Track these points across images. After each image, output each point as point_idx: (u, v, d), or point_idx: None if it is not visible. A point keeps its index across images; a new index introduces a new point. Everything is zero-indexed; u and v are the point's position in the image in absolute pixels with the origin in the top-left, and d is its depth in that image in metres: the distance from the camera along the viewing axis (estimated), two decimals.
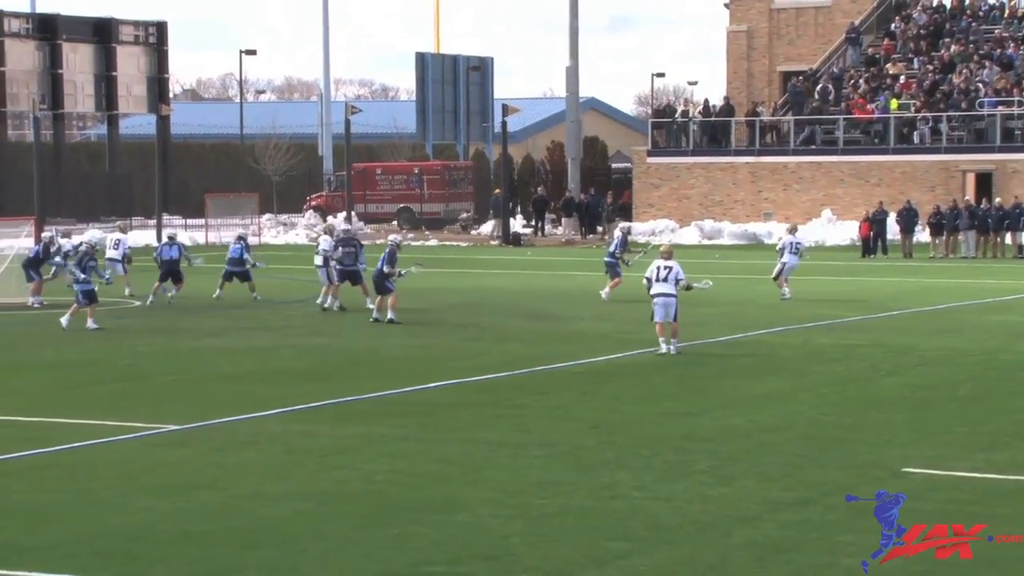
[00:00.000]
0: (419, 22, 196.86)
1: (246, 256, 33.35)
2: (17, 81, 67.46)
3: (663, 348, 23.51)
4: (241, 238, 34.27)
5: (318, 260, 31.67)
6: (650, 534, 12.43)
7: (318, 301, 31.39)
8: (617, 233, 35.02)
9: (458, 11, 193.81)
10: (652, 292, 23.67)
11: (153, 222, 59.09)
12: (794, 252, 33.59)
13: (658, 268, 23.67)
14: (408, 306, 31.87)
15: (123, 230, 36.78)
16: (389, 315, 28.33)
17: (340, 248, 31.03)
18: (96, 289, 27.83)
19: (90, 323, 27.32)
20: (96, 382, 21.45)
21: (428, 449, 16.14)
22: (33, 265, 32.18)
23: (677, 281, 23.58)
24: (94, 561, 11.70)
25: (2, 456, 15.72)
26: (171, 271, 32.91)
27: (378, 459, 15.53)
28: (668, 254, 24.06)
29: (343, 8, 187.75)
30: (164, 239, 36.30)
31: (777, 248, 34.64)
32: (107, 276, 29.70)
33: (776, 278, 33.53)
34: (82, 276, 27.41)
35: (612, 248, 33.86)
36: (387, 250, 29.04)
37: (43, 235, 33.96)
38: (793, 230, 35.13)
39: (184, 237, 57.84)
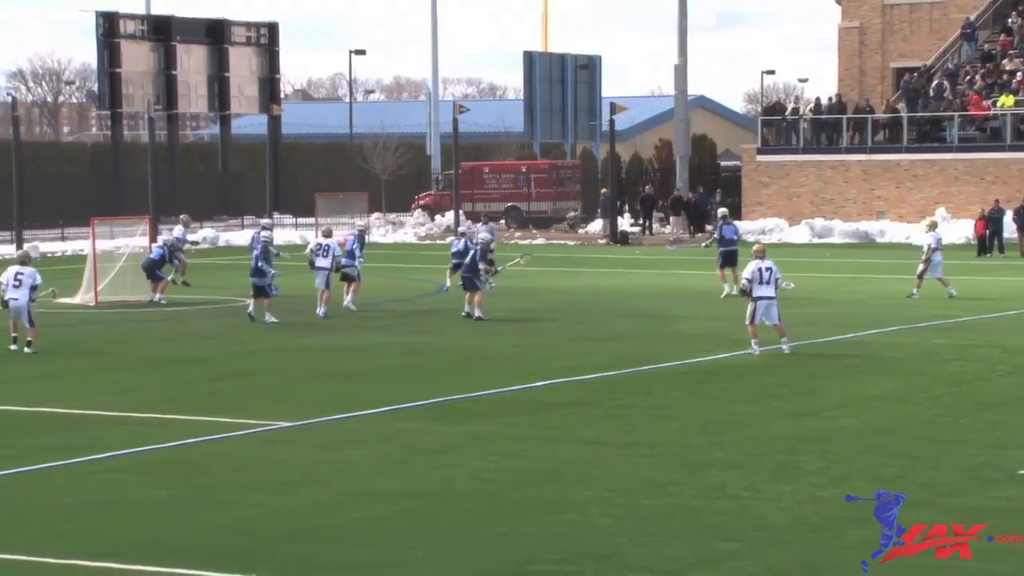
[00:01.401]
0: (527, 21, 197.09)
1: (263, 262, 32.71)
2: (132, 82, 68.40)
3: (756, 350, 23.38)
4: (264, 231, 33.04)
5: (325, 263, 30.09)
6: (760, 535, 12.33)
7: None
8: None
9: (566, 9, 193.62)
10: (755, 295, 23.43)
11: (265, 221, 59.69)
12: (939, 248, 32.91)
13: (760, 270, 23.42)
14: (515, 305, 31.89)
15: (185, 224, 36.27)
16: (477, 313, 28.48)
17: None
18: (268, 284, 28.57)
19: (268, 317, 28.26)
20: (208, 379, 21.71)
21: (535, 448, 16.13)
22: (158, 265, 32.73)
23: (776, 281, 23.44)
24: (205, 556, 11.84)
25: (117, 452, 15.97)
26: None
27: (485, 457, 15.56)
28: (762, 253, 23.82)
29: (451, 7, 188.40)
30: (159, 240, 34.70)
31: (927, 247, 33.37)
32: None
33: (921, 276, 32.64)
34: (272, 271, 28.59)
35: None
36: (478, 247, 29.11)
37: (164, 237, 34.39)
38: (933, 227, 34.06)
39: (294, 236, 58.43)
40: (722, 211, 37.76)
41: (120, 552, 11.86)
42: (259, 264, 28.63)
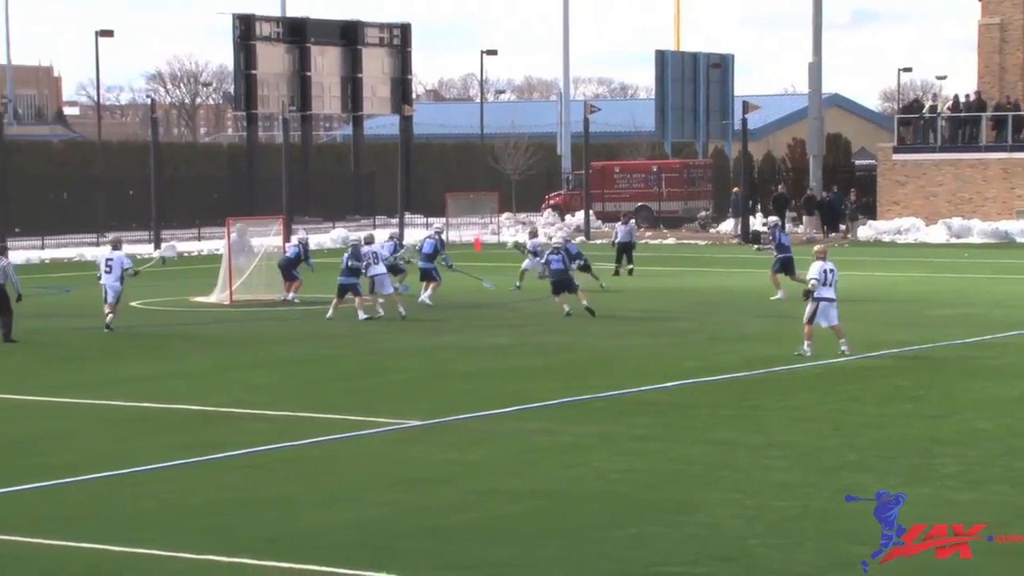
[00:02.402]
0: (659, 20, 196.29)
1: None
2: (267, 84, 69.32)
3: (807, 351, 23.06)
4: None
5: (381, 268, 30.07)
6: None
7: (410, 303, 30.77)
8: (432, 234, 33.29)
9: (699, 8, 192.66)
10: (818, 295, 23.11)
11: (395, 221, 60.19)
12: None
13: (825, 272, 23.14)
14: (646, 305, 31.77)
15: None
16: (584, 303, 29.02)
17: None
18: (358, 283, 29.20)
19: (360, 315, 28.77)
20: (339, 378, 21.90)
21: (665, 448, 16.04)
22: (293, 264, 33.12)
23: (836, 283, 23.33)
24: (336, 553, 11.93)
25: (250, 449, 16.16)
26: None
27: (615, 458, 15.49)
28: (824, 254, 23.53)
29: (583, 7, 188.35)
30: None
31: None
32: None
33: None
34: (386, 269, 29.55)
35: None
36: (571, 249, 30.03)
37: (299, 236, 34.74)
38: None
39: (422, 236, 58.69)
40: (774, 219, 37.10)
41: (253, 548, 11.99)
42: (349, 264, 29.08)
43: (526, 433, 17.00)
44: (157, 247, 51.65)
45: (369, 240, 30.77)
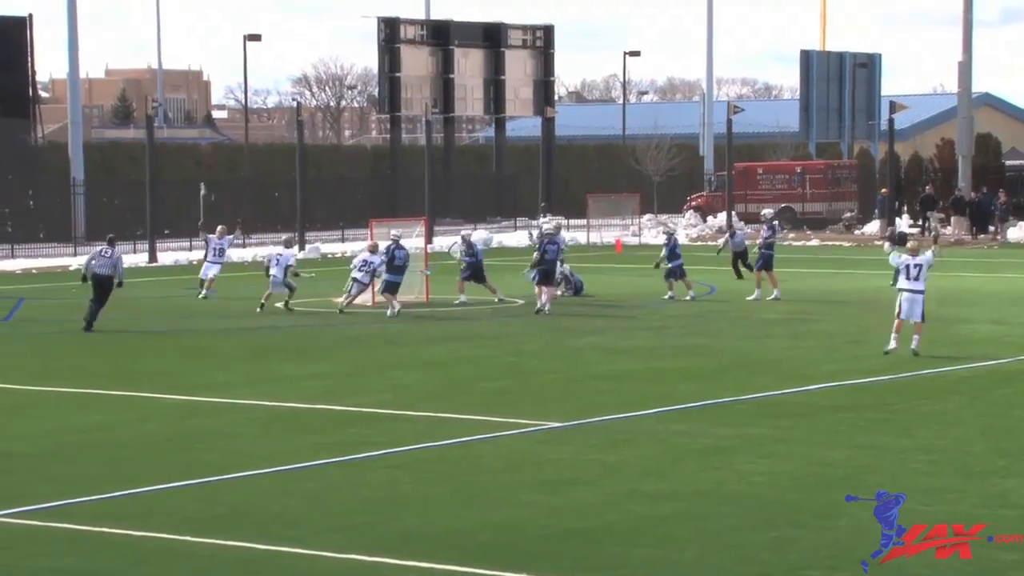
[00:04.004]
0: (805, 19, 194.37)
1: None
2: (411, 86, 69.90)
3: (892, 345, 23.14)
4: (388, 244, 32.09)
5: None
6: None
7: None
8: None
9: (845, 8, 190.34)
10: (899, 286, 23.38)
11: (536, 222, 60.29)
12: None
13: (908, 266, 23.42)
14: (789, 307, 31.48)
15: (288, 245, 35.00)
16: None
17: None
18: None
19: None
20: (482, 379, 22.01)
21: (807, 451, 15.89)
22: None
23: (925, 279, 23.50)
24: (478, 553, 12.00)
25: (392, 449, 16.32)
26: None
27: (757, 460, 15.39)
28: (916, 251, 23.76)
29: (727, 7, 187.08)
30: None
31: None
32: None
33: None
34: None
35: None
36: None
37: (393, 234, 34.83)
38: None
39: (566, 236, 58.80)
40: (768, 211, 36.68)
41: (395, 548, 12.11)
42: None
43: (667, 435, 16.96)
44: (302, 248, 52.37)
45: (373, 249, 31.47)
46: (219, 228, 36.52)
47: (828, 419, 17.92)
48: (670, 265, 33.52)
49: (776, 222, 35.69)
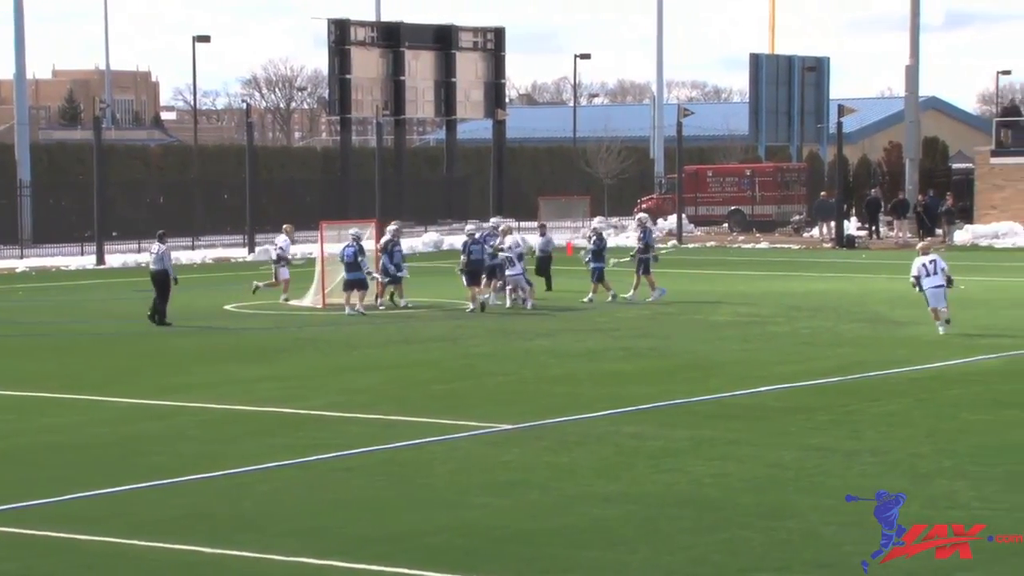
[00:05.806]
0: (754, 24, 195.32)
1: (361, 260, 31.59)
2: (362, 88, 69.70)
3: (940, 329, 25.85)
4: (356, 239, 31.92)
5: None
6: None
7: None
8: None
9: (794, 12, 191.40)
10: (923, 286, 26.02)
11: (488, 224, 60.20)
12: None
13: (925, 265, 26.03)
14: (739, 309, 31.62)
15: (288, 233, 35.51)
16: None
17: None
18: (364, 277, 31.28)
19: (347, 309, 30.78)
20: (433, 381, 21.99)
21: (758, 453, 15.97)
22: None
23: (943, 270, 26.03)
24: (430, 555, 12.00)
25: (344, 452, 16.29)
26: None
27: (708, 462, 15.45)
28: (926, 250, 26.65)
29: (676, 11, 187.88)
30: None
31: None
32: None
33: None
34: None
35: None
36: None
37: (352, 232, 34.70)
38: None
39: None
40: (643, 216, 37.06)
41: (346, 551, 12.10)
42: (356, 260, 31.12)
43: (619, 437, 17.00)
44: (251, 250, 52.15)
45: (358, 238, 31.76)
46: (286, 227, 36.12)
47: (779, 421, 18.02)
48: (592, 267, 33.55)
49: (648, 225, 35.51)
